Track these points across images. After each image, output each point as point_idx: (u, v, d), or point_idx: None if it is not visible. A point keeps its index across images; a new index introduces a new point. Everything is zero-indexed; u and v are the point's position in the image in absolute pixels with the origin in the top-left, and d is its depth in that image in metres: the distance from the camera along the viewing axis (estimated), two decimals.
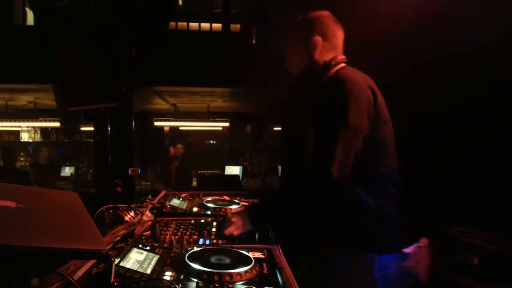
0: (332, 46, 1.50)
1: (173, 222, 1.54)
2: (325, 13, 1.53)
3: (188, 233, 1.38)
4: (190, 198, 2.07)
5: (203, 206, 1.82)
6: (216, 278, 0.93)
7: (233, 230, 1.36)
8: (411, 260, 1.39)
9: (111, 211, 1.44)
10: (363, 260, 1.38)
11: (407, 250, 1.39)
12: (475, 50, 2.84)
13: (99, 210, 1.39)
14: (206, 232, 1.41)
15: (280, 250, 1.22)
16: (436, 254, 1.53)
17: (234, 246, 1.18)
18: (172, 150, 7.10)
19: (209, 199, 1.97)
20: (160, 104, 6.89)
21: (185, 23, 4.90)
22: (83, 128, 7.47)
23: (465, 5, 2.79)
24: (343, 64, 1.50)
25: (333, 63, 1.48)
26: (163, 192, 2.16)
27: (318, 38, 1.48)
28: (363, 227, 1.38)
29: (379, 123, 1.38)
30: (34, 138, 7.61)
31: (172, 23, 4.73)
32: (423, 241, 1.46)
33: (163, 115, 7.41)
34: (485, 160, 2.89)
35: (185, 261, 1.00)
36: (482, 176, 2.89)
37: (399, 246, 1.38)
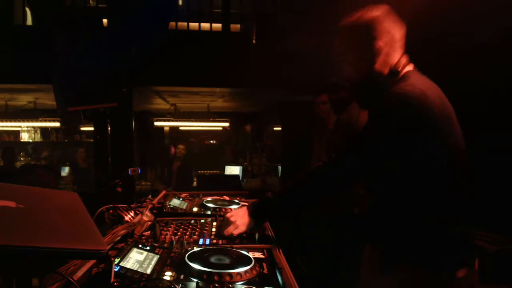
0: (394, 49, 1.28)
1: (173, 222, 1.54)
2: (383, 10, 1.29)
3: (188, 233, 1.38)
4: (190, 198, 2.07)
5: (203, 206, 1.82)
6: (216, 278, 0.93)
7: (232, 229, 1.34)
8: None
9: (111, 211, 1.44)
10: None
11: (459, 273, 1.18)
12: (475, 49, 2.85)
13: (99, 210, 1.39)
14: (206, 232, 1.41)
15: (280, 250, 1.22)
16: None
17: (234, 246, 1.18)
18: (173, 150, 7.11)
19: (209, 199, 1.97)
20: (160, 104, 6.88)
21: (185, 23, 4.90)
22: (83, 128, 7.46)
23: (465, 5, 2.79)
24: (409, 68, 1.31)
25: (399, 69, 1.27)
26: (163, 192, 2.16)
27: (379, 45, 1.26)
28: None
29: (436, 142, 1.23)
30: (34, 138, 7.61)
31: (172, 23, 4.72)
32: (474, 270, 1.28)
33: (163, 115, 7.41)
34: (485, 160, 2.89)
35: (185, 261, 1.00)
36: (482, 176, 2.88)
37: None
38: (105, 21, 3.35)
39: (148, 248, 1.10)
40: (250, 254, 1.08)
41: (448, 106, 1.26)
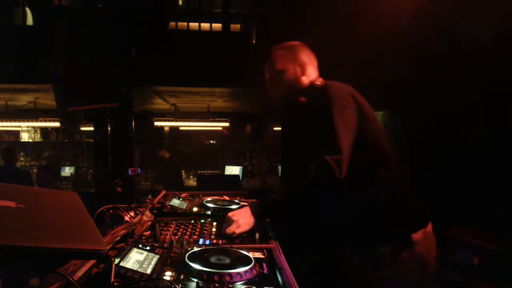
0: (314, 69, 1.64)
1: (173, 222, 1.54)
2: (299, 43, 1.69)
3: (188, 233, 1.38)
4: (190, 198, 2.07)
5: (203, 206, 1.82)
6: (216, 278, 0.93)
7: (234, 228, 1.35)
8: (420, 247, 1.41)
9: (111, 211, 1.44)
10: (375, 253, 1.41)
11: (416, 237, 1.41)
12: (474, 49, 2.84)
13: (99, 210, 1.39)
14: (206, 232, 1.41)
15: (280, 250, 1.22)
16: (436, 254, 1.53)
17: (234, 246, 1.18)
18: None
19: (209, 199, 1.96)
20: (160, 104, 6.88)
21: (185, 23, 4.90)
22: (83, 128, 7.46)
23: (465, 4, 2.79)
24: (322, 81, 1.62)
25: (318, 82, 1.60)
26: (163, 192, 2.16)
27: (305, 61, 1.62)
28: (368, 219, 1.42)
29: (364, 121, 1.45)
30: (34, 138, 7.61)
31: (172, 23, 4.72)
32: (429, 227, 1.49)
33: (163, 115, 7.41)
34: (486, 160, 2.89)
35: (185, 261, 1.00)
36: (482, 176, 2.89)
37: (406, 233, 1.41)
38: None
39: (148, 248, 1.10)
40: (250, 254, 1.08)
41: (357, 94, 1.50)
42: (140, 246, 1.10)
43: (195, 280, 0.92)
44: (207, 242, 1.30)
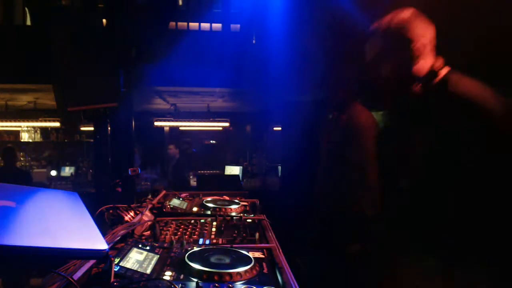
0: (427, 51, 1.33)
1: (173, 222, 1.54)
2: (412, 12, 1.34)
3: (188, 233, 1.38)
4: (190, 198, 2.07)
5: (203, 206, 1.82)
6: (216, 278, 0.93)
7: None
8: None
9: (111, 211, 1.44)
10: None
11: None
12: (475, 49, 2.84)
13: (99, 210, 1.39)
14: (206, 232, 1.41)
15: (280, 250, 1.22)
16: None
17: (234, 246, 1.18)
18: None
19: (209, 199, 1.97)
20: (160, 104, 6.89)
21: (185, 23, 4.90)
22: (83, 128, 7.46)
23: (465, 4, 2.78)
24: (446, 71, 1.33)
25: (437, 71, 1.31)
26: (163, 192, 2.16)
27: (415, 47, 1.30)
28: None
29: None
30: (34, 138, 7.61)
31: (172, 23, 4.72)
32: None
33: (163, 115, 7.41)
34: (485, 160, 2.88)
35: (185, 261, 1.00)
36: (482, 176, 2.88)
37: None
38: (105, 21, 3.35)
39: (148, 248, 1.10)
40: (250, 254, 1.08)
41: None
42: (140, 246, 1.10)
43: (195, 280, 0.92)
44: (207, 242, 1.30)
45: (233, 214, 1.70)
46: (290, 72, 4.30)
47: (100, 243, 0.83)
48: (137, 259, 1.01)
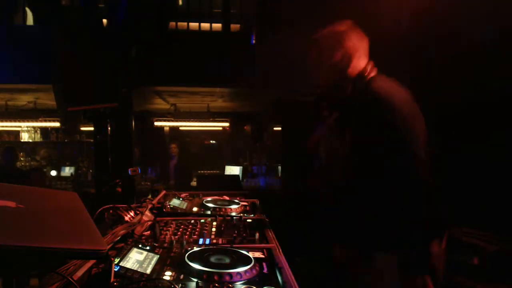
0: (361, 55, 1.54)
1: (173, 222, 1.54)
2: (348, 24, 1.56)
3: (188, 233, 1.38)
4: (190, 198, 2.07)
5: (203, 206, 1.82)
6: (216, 278, 0.93)
7: None
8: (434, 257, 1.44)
9: (111, 211, 1.44)
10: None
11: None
12: (475, 49, 2.84)
13: (99, 210, 1.39)
14: (206, 232, 1.41)
15: (280, 250, 1.22)
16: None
17: (234, 246, 1.18)
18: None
19: (209, 199, 1.97)
20: (160, 104, 6.88)
21: (185, 23, 4.90)
22: (83, 128, 7.46)
23: (465, 4, 2.79)
24: (374, 74, 1.53)
25: (365, 73, 1.51)
26: (163, 192, 2.16)
27: (350, 49, 1.51)
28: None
29: None
30: (34, 138, 7.61)
31: (172, 23, 4.72)
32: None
33: (163, 115, 7.41)
34: (486, 160, 2.89)
35: (185, 261, 1.00)
36: (482, 176, 2.88)
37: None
38: (105, 21, 3.35)
39: (148, 248, 1.10)
40: (250, 254, 1.08)
41: (415, 107, 1.47)
42: (140, 246, 1.10)
43: (195, 280, 0.92)
44: (207, 242, 1.30)
45: (233, 214, 1.70)
46: (289, 72, 4.30)
47: (100, 243, 0.83)
48: (137, 259, 1.01)
